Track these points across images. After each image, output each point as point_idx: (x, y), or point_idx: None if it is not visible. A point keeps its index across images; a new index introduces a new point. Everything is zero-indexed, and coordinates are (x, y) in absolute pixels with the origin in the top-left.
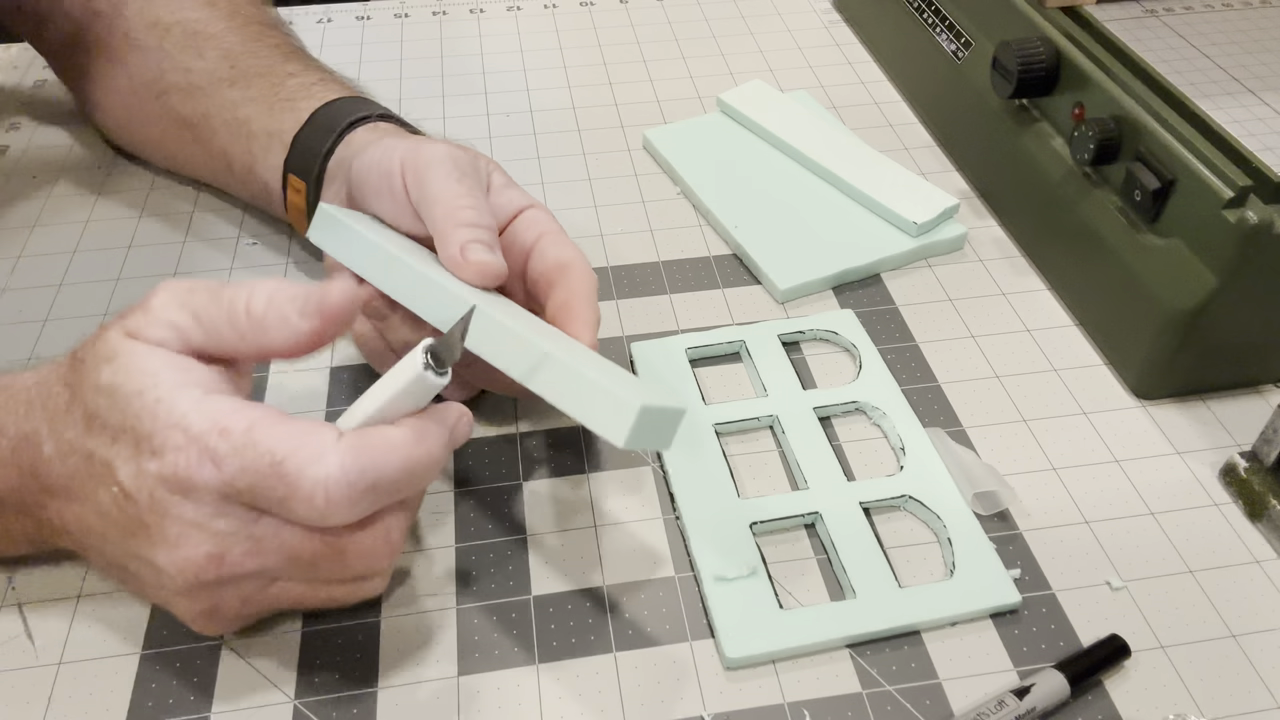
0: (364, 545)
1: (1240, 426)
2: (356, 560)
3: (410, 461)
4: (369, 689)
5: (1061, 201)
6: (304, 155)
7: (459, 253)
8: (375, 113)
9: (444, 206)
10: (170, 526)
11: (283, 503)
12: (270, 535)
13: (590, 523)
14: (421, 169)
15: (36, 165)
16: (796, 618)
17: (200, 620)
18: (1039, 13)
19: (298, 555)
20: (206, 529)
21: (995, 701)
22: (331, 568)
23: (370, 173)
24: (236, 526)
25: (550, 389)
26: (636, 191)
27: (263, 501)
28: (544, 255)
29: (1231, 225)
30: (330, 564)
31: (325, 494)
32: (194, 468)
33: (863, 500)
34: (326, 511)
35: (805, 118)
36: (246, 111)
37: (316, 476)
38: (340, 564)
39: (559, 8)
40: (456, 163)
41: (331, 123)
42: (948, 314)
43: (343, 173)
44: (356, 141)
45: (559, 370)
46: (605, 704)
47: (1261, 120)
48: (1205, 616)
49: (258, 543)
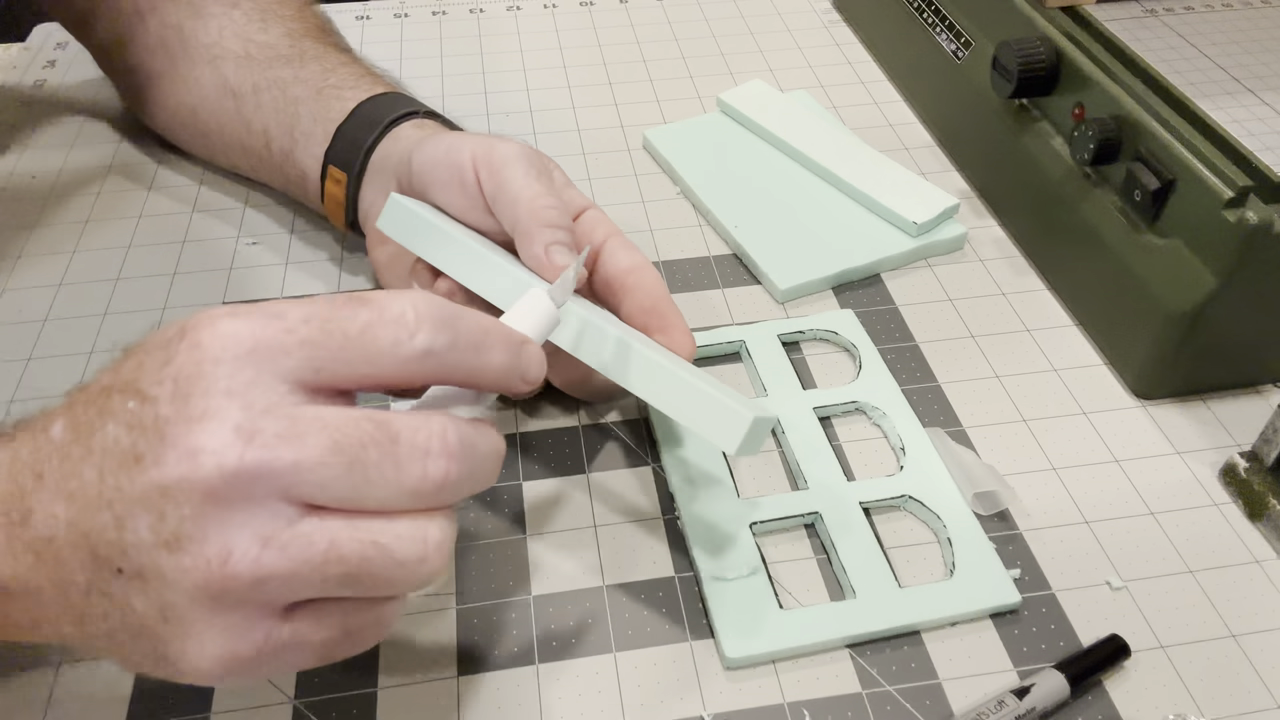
0: (416, 428)
1: (1240, 426)
2: (407, 451)
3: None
4: (369, 689)
5: (1061, 201)
6: (347, 147)
7: (544, 253)
8: (421, 110)
9: (527, 205)
10: (195, 403)
11: (366, 330)
12: (309, 416)
13: (590, 523)
14: (498, 165)
15: (36, 165)
16: (796, 618)
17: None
18: (1039, 13)
19: (340, 440)
20: (240, 398)
21: (995, 701)
22: (380, 460)
23: (438, 166)
24: (274, 400)
25: (661, 398)
26: (636, 191)
27: (335, 337)
28: (615, 258)
29: (1231, 225)
30: (378, 454)
31: (414, 309)
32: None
33: (863, 500)
34: (417, 329)
35: (805, 118)
36: (296, 92)
37: (404, 297)
38: (390, 455)
39: (559, 8)
40: (532, 161)
41: (377, 117)
42: (948, 314)
43: (390, 168)
44: (404, 137)
45: (671, 380)
46: (605, 704)
47: (1261, 120)
48: (1205, 616)
49: (295, 422)
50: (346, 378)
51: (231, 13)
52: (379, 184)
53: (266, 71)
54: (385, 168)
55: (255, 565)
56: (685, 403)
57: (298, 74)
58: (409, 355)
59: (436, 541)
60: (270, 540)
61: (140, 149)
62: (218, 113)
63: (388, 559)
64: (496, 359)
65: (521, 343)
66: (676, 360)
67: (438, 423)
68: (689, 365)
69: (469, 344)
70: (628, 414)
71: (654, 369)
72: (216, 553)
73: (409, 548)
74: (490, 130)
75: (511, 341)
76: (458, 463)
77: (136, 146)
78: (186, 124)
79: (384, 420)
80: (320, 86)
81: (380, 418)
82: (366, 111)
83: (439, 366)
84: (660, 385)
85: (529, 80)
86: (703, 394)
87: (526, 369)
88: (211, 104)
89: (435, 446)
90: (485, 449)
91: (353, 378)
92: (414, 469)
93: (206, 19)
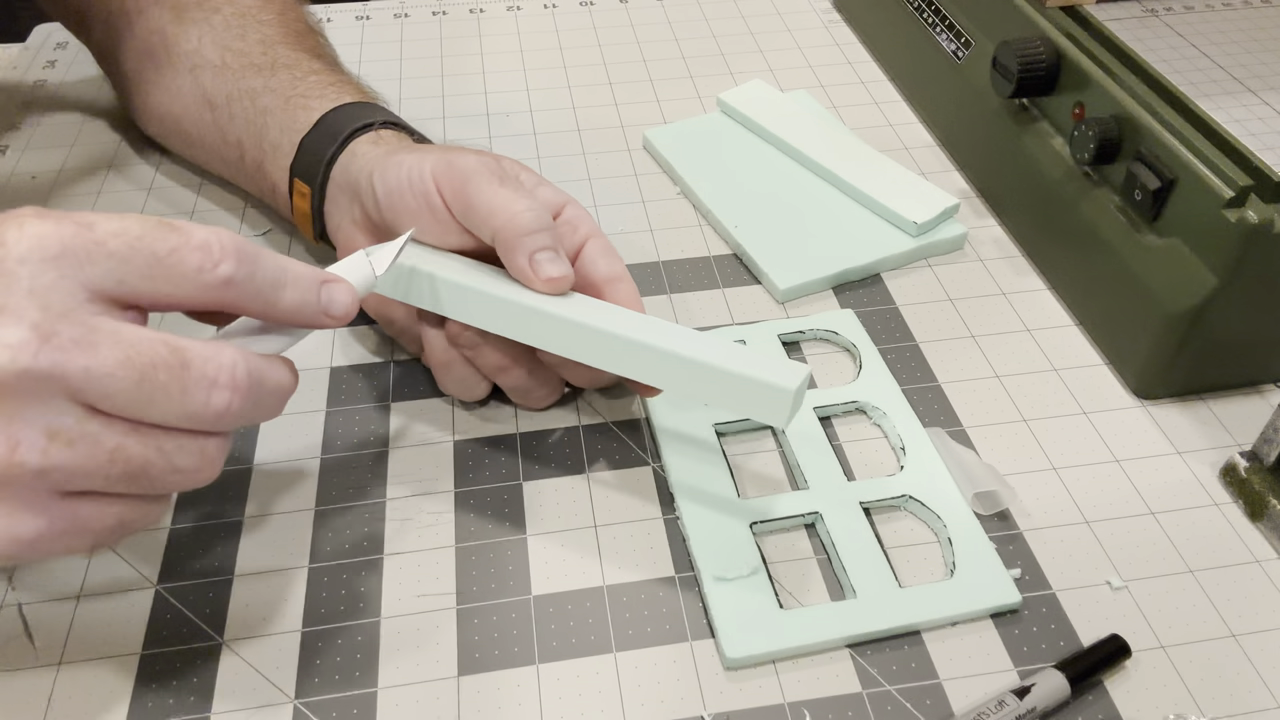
0: (207, 358)
1: (1240, 426)
2: (196, 378)
3: (289, 269)
4: (369, 689)
5: (1061, 201)
6: (310, 161)
7: (528, 265)
8: (379, 120)
9: (500, 216)
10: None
11: (173, 253)
12: (107, 329)
13: (590, 523)
14: (459, 183)
15: (36, 165)
16: (796, 618)
17: None
18: (1039, 12)
19: (133, 356)
20: (40, 299)
21: (995, 701)
22: (168, 382)
23: (403, 195)
24: (73, 306)
25: (699, 391)
26: (636, 191)
27: (143, 254)
28: (595, 265)
29: (1231, 225)
30: (167, 376)
31: (219, 241)
32: (45, 223)
33: (863, 500)
34: (221, 259)
35: (805, 118)
36: (265, 102)
37: (210, 229)
38: (179, 379)
39: (559, 8)
40: (493, 170)
41: (337, 129)
42: (948, 314)
43: (350, 185)
44: (360, 154)
45: (706, 373)
46: (605, 704)
47: (1261, 120)
48: (1205, 616)
49: (92, 331)
50: (148, 295)
51: (212, 18)
52: (341, 201)
53: (239, 81)
54: (345, 184)
55: (42, 456)
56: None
57: (268, 83)
58: (210, 282)
59: (213, 455)
60: (57, 434)
61: (140, 149)
62: (198, 123)
63: (168, 464)
64: (292, 295)
65: (322, 281)
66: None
67: (228, 356)
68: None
69: (268, 279)
70: (628, 414)
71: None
72: (4, 440)
73: (188, 458)
74: (490, 130)
75: (311, 281)
76: (241, 396)
77: (136, 146)
78: (174, 132)
79: (179, 346)
80: (289, 96)
81: (176, 343)
82: (329, 123)
83: (238, 296)
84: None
85: (529, 80)
86: (738, 378)
87: (330, 305)
88: (193, 114)
89: (223, 379)
90: (272, 385)
91: (154, 296)
92: (198, 395)
93: (188, 25)
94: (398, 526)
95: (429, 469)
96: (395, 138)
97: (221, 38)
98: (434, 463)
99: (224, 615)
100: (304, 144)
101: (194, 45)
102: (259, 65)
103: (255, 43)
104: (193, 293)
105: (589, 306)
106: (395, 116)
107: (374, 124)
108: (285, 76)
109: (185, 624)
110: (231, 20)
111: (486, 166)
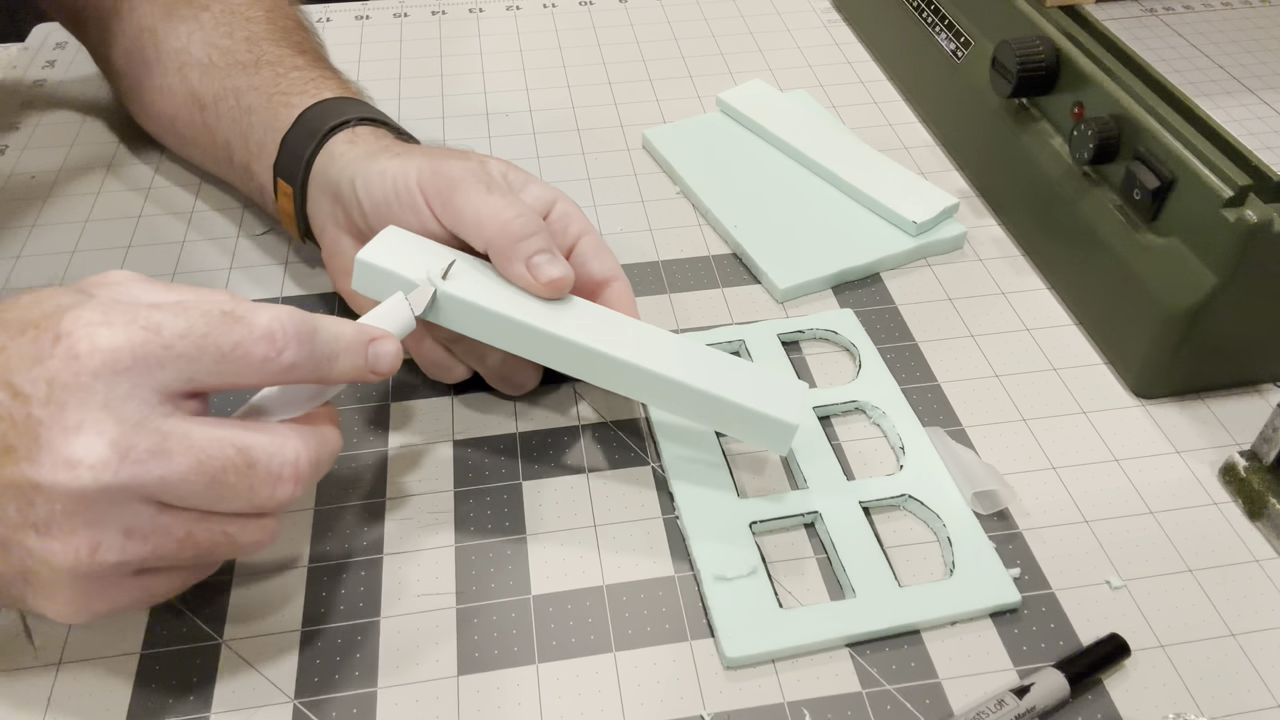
0: (272, 454)
1: (1240, 426)
2: (262, 477)
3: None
4: (369, 689)
5: (1061, 201)
6: (291, 160)
7: (526, 270)
8: (354, 117)
9: (491, 225)
10: (71, 413)
11: (237, 347)
12: (178, 434)
13: (590, 522)
14: (447, 193)
15: (36, 165)
16: (796, 617)
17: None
18: (1039, 12)
19: (204, 461)
20: (115, 412)
21: (995, 701)
22: (236, 483)
23: (390, 205)
24: (146, 414)
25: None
26: (636, 191)
27: (210, 353)
28: (587, 265)
29: (1231, 224)
30: (236, 478)
31: (282, 327)
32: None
33: (863, 500)
34: (284, 346)
35: (805, 117)
36: (249, 100)
37: (269, 312)
38: (246, 479)
39: (558, 7)
40: (479, 176)
41: (315, 126)
42: (947, 313)
43: (329, 185)
44: (337, 154)
45: (717, 406)
46: (605, 703)
47: (1261, 120)
48: (1205, 616)
49: (165, 439)
50: (214, 386)
51: (201, 16)
52: (323, 203)
53: (225, 80)
54: (325, 186)
55: (120, 553)
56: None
57: (251, 81)
58: (274, 370)
59: (273, 529)
60: (134, 532)
61: (140, 149)
62: (190, 124)
63: (233, 543)
64: (346, 363)
65: (369, 342)
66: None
67: (292, 450)
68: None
69: (325, 354)
70: (628, 414)
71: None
72: (85, 543)
73: (251, 536)
74: (489, 130)
75: (360, 345)
76: (305, 485)
77: (136, 146)
78: (168, 131)
79: (245, 445)
80: (271, 93)
81: (242, 442)
82: (308, 120)
83: (298, 375)
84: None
85: (528, 80)
86: (745, 411)
87: (376, 364)
88: (185, 114)
89: (287, 474)
90: (328, 458)
91: (220, 386)
92: (264, 491)
93: (176, 23)
94: (398, 526)
95: (429, 469)
96: (373, 135)
97: (209, 36)
98: (434, 463)
99: (224, 615)
100: (285, 143)
101: (182, 43)
102: (244, 63)
103: (242, 40)
104: (256, 380)
105: (595, 320)
106: (374, 111)
107: (350, 121)
108: (268, 74)
109: (185, 624)
110: (220, 18)
111: (473, 173)
